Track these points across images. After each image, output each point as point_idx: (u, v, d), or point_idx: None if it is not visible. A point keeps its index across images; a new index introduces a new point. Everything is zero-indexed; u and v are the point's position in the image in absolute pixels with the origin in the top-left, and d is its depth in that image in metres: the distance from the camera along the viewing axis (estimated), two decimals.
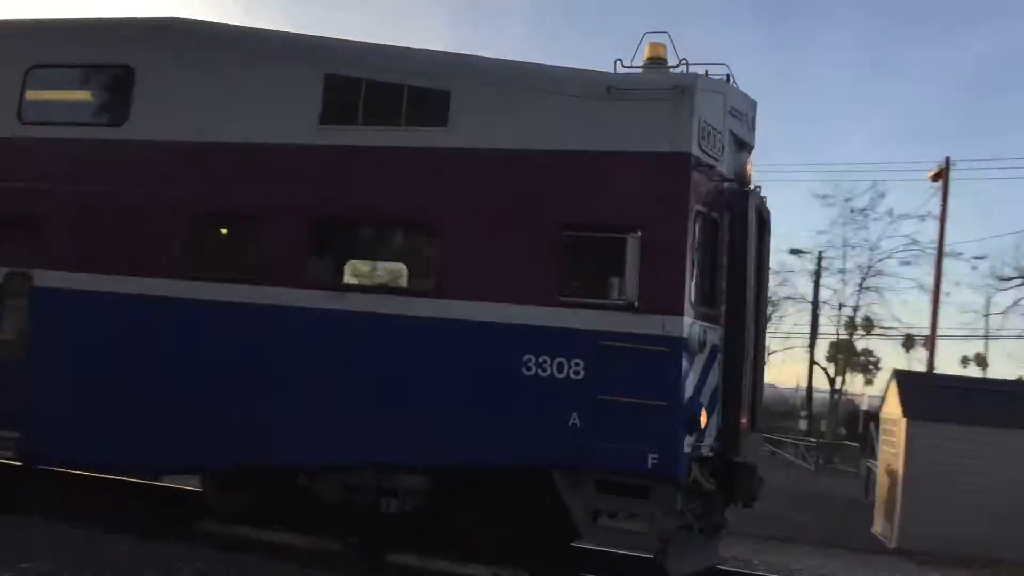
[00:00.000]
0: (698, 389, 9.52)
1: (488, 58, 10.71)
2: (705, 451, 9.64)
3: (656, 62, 10.13)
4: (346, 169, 10.32)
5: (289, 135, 10.44)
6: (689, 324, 9.22)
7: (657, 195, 9.42)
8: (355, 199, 10.22)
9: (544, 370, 9.37)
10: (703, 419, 9.51)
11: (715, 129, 9.82)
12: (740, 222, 10.02)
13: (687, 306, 9.25)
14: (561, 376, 9.34)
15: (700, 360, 9.48)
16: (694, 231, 9.44)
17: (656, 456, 9.02)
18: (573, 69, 10.16)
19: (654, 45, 10.20)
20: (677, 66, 9.95)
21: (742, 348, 9.97)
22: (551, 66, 10.36)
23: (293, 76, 10.61)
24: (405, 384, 9.83)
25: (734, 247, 10.02)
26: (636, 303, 9.14)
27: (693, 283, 9.45)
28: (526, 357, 9.39)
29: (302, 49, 10.87)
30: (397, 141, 10.15)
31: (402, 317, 9.87)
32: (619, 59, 9.99)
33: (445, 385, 9.75)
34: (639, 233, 9.13)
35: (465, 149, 9.92)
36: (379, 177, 10.16)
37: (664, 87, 9.51)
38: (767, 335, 12.39)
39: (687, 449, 9.21)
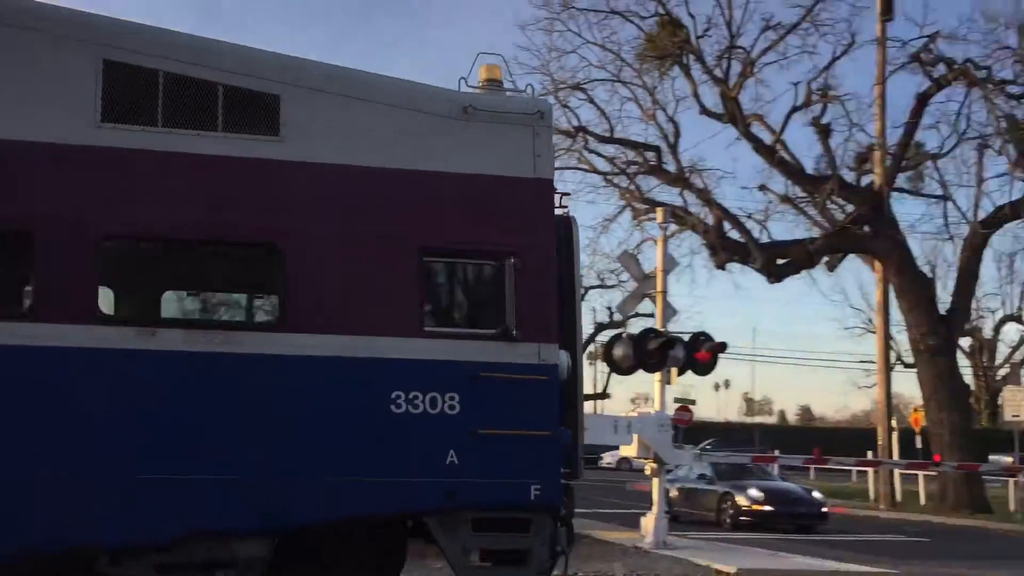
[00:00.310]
0: (560, 416, 9.33)
1: (331, 65, 9.35)
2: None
3: (493, 83, 9.82)
4: (138, 178, 8.35)
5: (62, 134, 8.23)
6: (558, 351, 8.99)
7: (527, 221, 9.08)
8: (157, 215, 8.34)
9: (416, 407, 8.56)
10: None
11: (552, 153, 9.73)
12: (567, 247, 10.06)
13: (556, 333, 9.01)
14: (435, 412, 8.62)
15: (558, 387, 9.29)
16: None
17: (539, 487, 8.71)
18: (429, 86, 9.39)
19: (490, 67, 9.59)
20: (518, 90, 9.81)
21: (576, 372, 10.01)
22: (404, 80, 9.50)
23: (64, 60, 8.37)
24: (245, 434, 8.25)
25: (563, 272, 10.02)
26: (512, 331, 8.76)
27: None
28: (394, 394, 8.51)
29: (76, 28, 8.57)
30: (210, 149, 8.48)
31: (234, 356, 8.33)
32: (463, 78, 9.49)
33: (297, 432, 8.40)
34: (512, 260, 8.76)
35: (308, 163, 8.73)
36: (188, 190, 8.41)
37: (526, 112, 9.22)
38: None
39: (562, 477, 8.97)
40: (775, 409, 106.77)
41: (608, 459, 45.91)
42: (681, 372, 15.96)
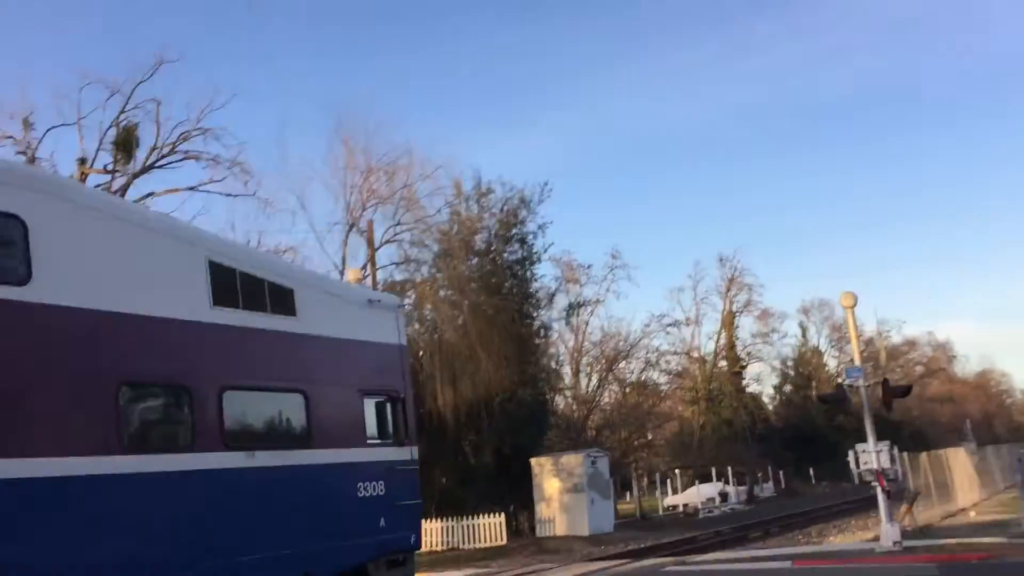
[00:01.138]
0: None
1: (323, 275, 17.26)
2: None
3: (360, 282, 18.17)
4: (232, 345, 11.89)
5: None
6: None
7: (403, 372, 14.95)
8: (245, 372, 12.05)
9: (369, 490, 13.39)
10: None
11: None
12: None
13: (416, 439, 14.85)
14: (376, 493, 13.48)
15: None
16: None
17: (415, 537, 14.52)
18: (357, 286, 16.79)
19: (354, 272, 19.25)
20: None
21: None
22: (342, 282, 17.12)
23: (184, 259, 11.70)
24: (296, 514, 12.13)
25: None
26: (402, 440, 14.35)
27: None
28: (359, 483, 13.28)
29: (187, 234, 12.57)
30: (263, 324, 12.27)
31: (289, 466, 12.19)
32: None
33: (320, 510, 12.60)
34: (398, 397, 14.44)
35: (313, 336, 13.04)
36: (261, 354, 12.26)
37: (394, 303, 15.74)
38: None
39: None
40: None
41: None
42: None
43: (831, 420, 67.99)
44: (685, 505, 53.58)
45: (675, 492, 58.21)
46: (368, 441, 13.57)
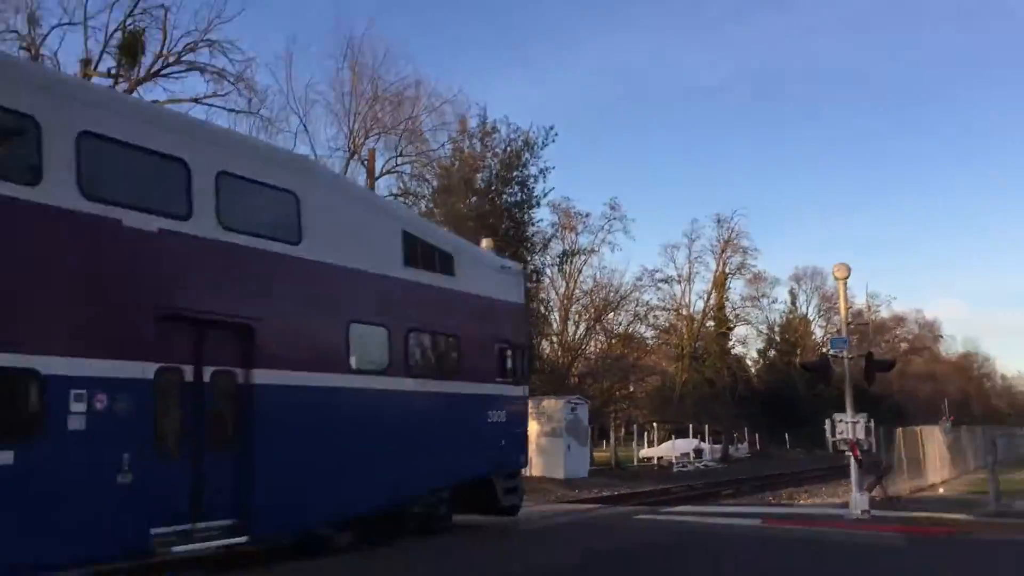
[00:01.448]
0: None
1: (466, 243, 18.79)
2: None
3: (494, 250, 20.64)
4: (413, 296, 15.59)
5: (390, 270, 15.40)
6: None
7: (523, 325, 19.97)
8: (419, 317, 15.71)
9: (496, 418, 17.41)
10: None
11: None
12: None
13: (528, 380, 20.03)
14: (499, 420, 17.48)
15: None
16: None
17: (523, 457, 19.36)
18: (493, 254, 19.73)
19: (488, 240, 20.71)
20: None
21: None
22: (484, 250, 19.49)
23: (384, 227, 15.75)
24: (447, 434, 16.10)
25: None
26: (518, 380, 18.47)
27: None
28: (489, 411, 17.25)
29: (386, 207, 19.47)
30: (434, 282, 16.17)
31: (441, 392, 15.94)
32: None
33: (464, 431, 16.55)
34: (520, 347, 18.84)
35: (465, 292, 16.97)
36: (430, 304, 16.01)
37: (519, 270, 20.34)
38: None
39: None
40: None
41: None
42: None
43: (812, 388, 68.51)
44: (660, 458, 54.33)
45: (651, 445, 58.92)
46: (496, 379, 17.52)
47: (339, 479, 13.28)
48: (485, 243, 20.24)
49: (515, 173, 40.70)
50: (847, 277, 21.16)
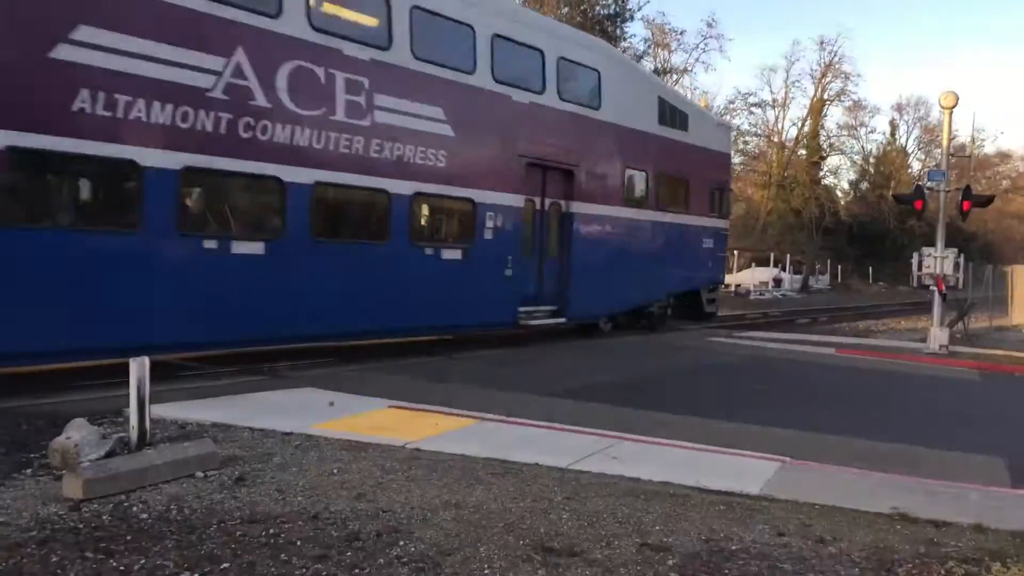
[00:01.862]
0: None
1: (692, 103, 24.55)
2: None
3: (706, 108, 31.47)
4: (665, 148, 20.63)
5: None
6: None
7: (728, 170, 25.73)
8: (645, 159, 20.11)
9: (704, 244, 22.33)
10: None
11: None
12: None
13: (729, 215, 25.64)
14: (708, 247, 22.51)
15: None
16: None
17: (722, 275, 24.95)
18: (710, 114, 28.33)
19: (704, 99, 38.15)
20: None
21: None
22: (704, 110, 27.25)
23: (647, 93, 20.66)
24: (665, 256, 20.89)
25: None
26: (721, 214, 23.52)
27: None
28: (703, 239, 22.16)
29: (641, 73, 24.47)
30: (675, 136, 21.12)
31: (647, 220, 20.23)
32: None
33: (676, 254, 21.29)
34: (725, 187, 23.96)
35: (694, 145, 21.95)
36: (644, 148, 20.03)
37: (728, 126, 29.16)
38: None
39: None
40: None
41: None
42: None
43: (902, 223, 66.85)
44: (738, 285, 54.30)
45: (730, 272, 58.76)
46: (710, 213, 22.47)
47: (613, 284, 18.48)
48: (702, 101, 26.63)
49: None
50: (954, 106, 20.11)
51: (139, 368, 6.91)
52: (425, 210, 14.75)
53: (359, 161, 12.90)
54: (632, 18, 40.47)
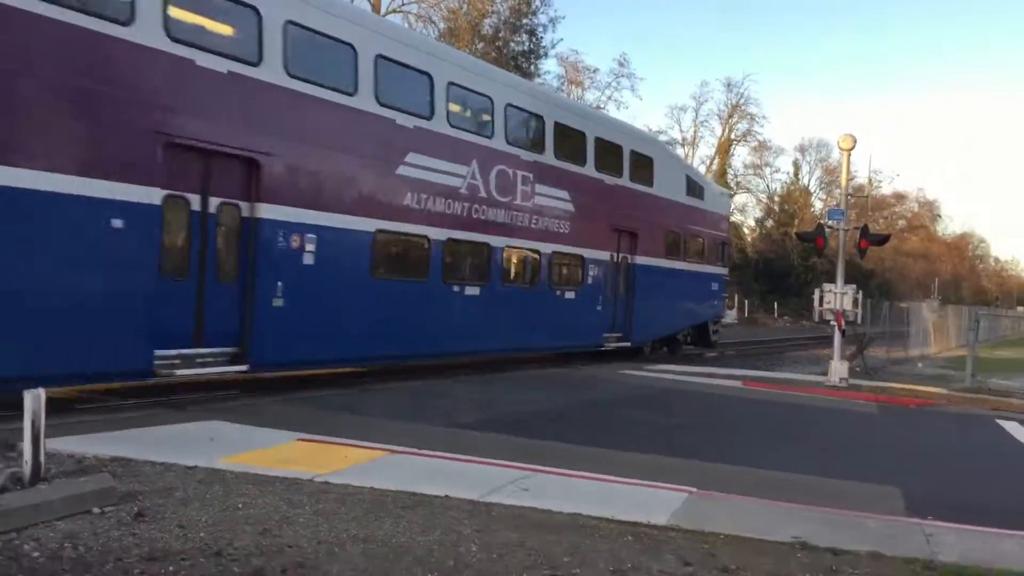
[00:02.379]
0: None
1: (710, 181, 33.23)
2: None
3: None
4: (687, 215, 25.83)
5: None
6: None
7: (728, 227, 31.41)
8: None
9: (711, 287, 27.58)
10: None
11: None
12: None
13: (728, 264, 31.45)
14: (715, 288, 28.17)
15: None
16: None
17: (724, 310, 30.37)
18: (715, 184, 34.92)
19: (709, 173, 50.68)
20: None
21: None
22: (712, 181, 36.91)
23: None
24: (688, 295, 26.26)
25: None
26: (725, 263, 29.63)
27: None
28: (710, 282, 27.43)
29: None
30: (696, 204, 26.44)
31: (693, 272, 26.16)
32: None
33: (695, 294, 26.46)
34: (727, 241, 30.49)
35: (708, 210, 27.12)
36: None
37: (727, 193, 34.09)
38: None
39: None
40: None
41: None
42: None
43: (805, 260, 69.03)
44: None
45: None
46: (717, 263, 27.71)
47: (659, 317, 24.23)
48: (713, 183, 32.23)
49: (524, 21, 39.61)
50: (852, 148, 20.96)
51: (34, 401, 6.65)
52: (557, 263, 19.89)
53: (525, 232, 18.56)
54: (546, 55, 41.12)
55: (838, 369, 19.90)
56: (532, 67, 40.71)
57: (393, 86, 14.85)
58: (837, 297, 20.07)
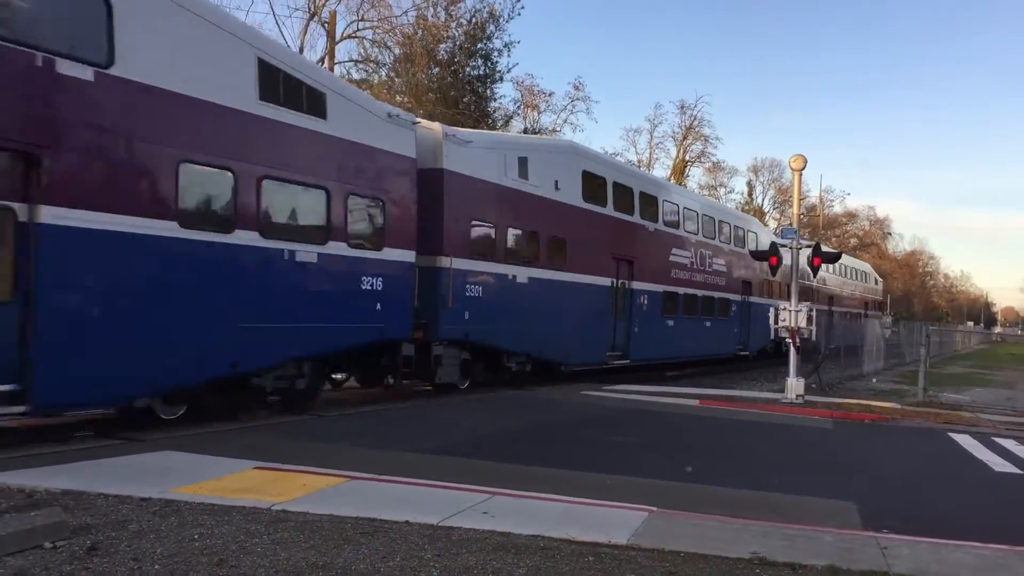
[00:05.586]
0: None
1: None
2: None
3: None
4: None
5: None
6: None
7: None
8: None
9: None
10: None
11: None
12: None
13: None
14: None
15: None
16: None
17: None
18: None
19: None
20: None
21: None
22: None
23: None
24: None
25: None
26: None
27: None
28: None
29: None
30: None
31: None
32: None
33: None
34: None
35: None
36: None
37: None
38: None
39: None
40: None
41: None
42: None
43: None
44: None
45: None
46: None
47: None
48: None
49: (479, 46, 39.73)
50: (803, 168, 21.35)
51: None
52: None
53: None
54: (502, 79, 41.33)
55: (794, 386, 20.14)
56: (488, 91, 40.90)
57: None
58: (791, 315, 20.35)
